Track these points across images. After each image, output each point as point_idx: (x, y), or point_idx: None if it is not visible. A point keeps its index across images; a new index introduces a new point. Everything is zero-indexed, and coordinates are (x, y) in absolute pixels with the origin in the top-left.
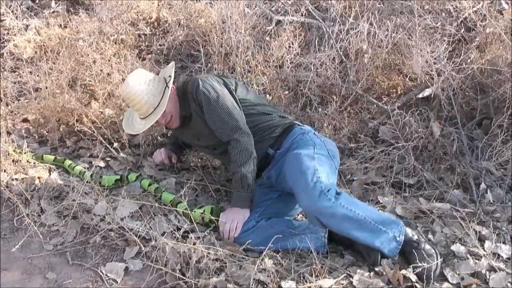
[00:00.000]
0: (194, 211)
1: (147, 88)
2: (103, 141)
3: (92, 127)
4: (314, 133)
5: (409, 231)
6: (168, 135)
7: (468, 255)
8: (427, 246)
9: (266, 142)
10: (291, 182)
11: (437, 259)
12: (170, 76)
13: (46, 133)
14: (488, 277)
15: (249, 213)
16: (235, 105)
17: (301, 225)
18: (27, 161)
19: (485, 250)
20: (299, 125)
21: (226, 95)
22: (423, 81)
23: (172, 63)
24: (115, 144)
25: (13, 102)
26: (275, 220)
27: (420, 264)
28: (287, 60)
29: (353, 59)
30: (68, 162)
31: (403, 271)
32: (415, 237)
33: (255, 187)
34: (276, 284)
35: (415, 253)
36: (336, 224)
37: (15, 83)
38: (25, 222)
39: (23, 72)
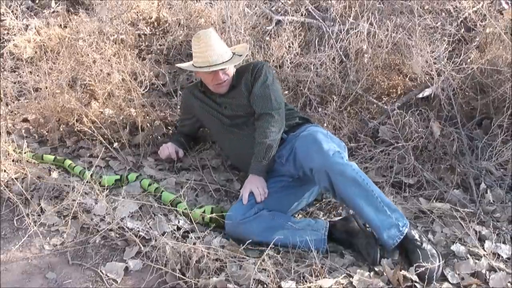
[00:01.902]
0: (194, 211)
1: (224, 45)
2: (103, 141)
3: (92, 127)
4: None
5: (413, 229)
6: (169, 133)
7: (468, 255)
8: (429, 247)
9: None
10: (303, 152)
11: (439, 261)
12: (234, 52)
13: (46, 133)
14: (488, 277)
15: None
16: (282, 96)
17: (302, 221)
18: (27, 161)
19: (485, 250)
20: (313, 123)
21: (279, 85)
22: (423, 81)
23: (246, 45)
24: (115, 144)
25: (13, 102)
26: (277, 213)
27: (424, 264)
28: (287, 60)
29: (353, 59)
30: (68, 162)
31: (403, 271)
32: (418, 237)
33: None
34: (276, 284)
35: (419, 252)
36: (344, 186)
37: (15, 83)
38: (25, 222)
39: (23, 72)
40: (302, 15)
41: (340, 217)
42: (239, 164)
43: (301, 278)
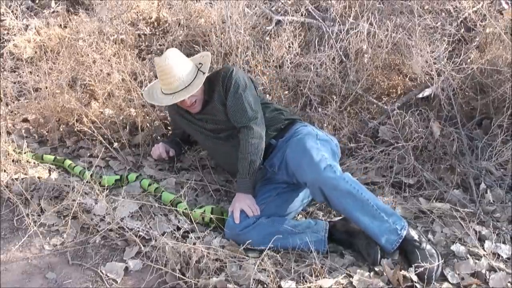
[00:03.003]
0: (194, 211)
1: (184, 66)
2: (103, 141)
3: (92, 127)
4: (316, 127)
5: (411, 230)
6: (168, 134)
7: (468, 255)
8: (429, 246)
9: (271, 132)
10: (295, 163)
11: (438, 260)
12: (201, 63)
13: (46, 133)
14: (488, 277)
15: (253, 198)
16: (257, 100)
17: (301, 224)
18: (27, 161)
19: (485, 250)
20: (302, 122)
21: (252, 89)
22: (423, 81)
23: (208, 53)
24: (115, 144)
25: (13, 102)
26: (276, 218)
27: (422, 264)
28: (287, 60)
29: (353, 59)
30: (68, 162)
31: (403, 271)
32: (417, 237)
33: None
34: (276, 284)
35: (418, 253)
36: (338, 199)
37: (15, 83)
38: (25, 222)
39: (23, 72)
40: (302, 15)
41: (340, 217)
42: (230, 172)
43: (301, 278)
